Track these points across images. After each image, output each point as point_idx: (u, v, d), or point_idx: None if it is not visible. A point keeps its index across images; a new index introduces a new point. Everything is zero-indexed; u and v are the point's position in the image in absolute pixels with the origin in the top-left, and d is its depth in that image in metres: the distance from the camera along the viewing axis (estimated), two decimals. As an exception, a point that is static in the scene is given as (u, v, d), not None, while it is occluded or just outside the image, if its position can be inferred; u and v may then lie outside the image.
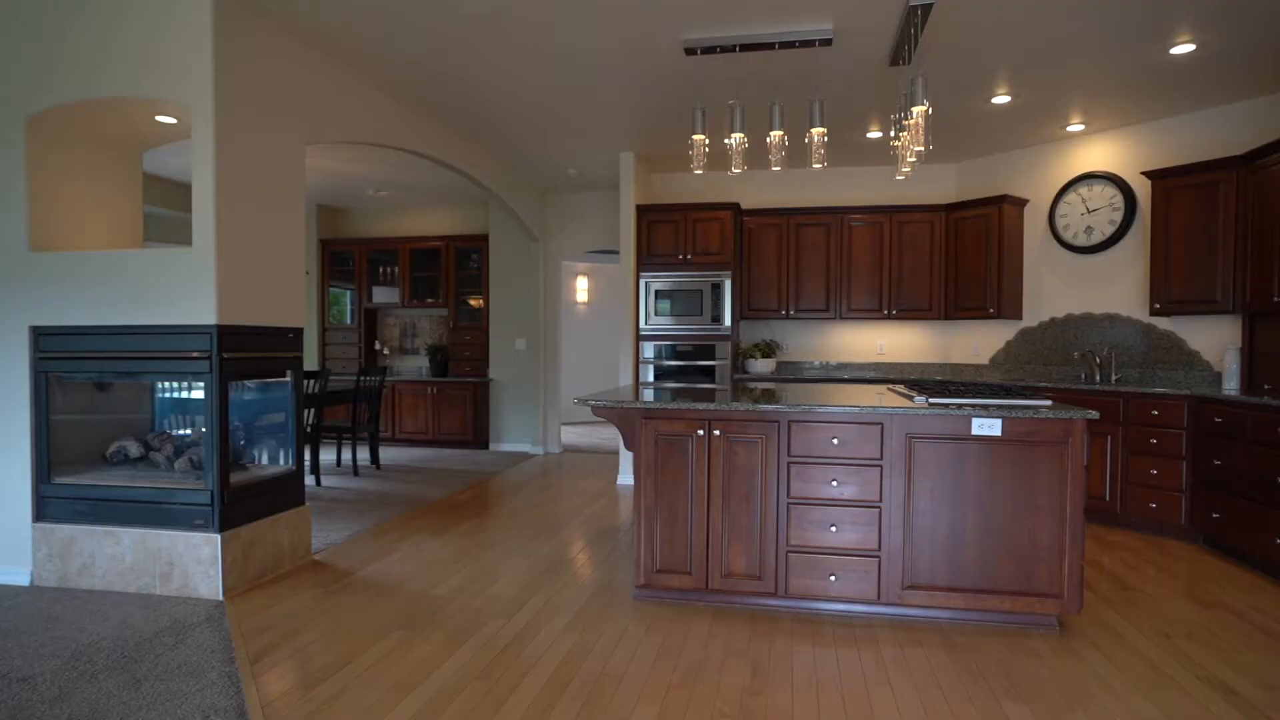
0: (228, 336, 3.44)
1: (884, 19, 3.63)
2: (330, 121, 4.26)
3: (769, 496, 3.22)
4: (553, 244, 8.01)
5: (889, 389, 4.09)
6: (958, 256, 5.86)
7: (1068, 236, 5.46)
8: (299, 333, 4.00)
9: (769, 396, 3.57)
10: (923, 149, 3.40)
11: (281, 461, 3.97)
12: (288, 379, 3.94)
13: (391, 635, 3.01)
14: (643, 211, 6.22)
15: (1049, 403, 3.09)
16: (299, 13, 3.64)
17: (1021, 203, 5.70)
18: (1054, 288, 5.61)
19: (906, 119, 3.55)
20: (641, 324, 6.25)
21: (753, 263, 6.31)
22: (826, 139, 4.76)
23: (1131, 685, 2.58)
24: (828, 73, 4.31)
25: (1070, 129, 5.29)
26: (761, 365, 6.33)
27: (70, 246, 3.75)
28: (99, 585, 3.50)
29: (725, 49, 3.90)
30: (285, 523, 3.83)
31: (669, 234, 6.16)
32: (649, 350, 6.25)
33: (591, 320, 10.77)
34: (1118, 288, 5.24)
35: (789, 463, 3.20)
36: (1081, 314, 5.43)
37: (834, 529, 3.16)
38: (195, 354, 3.40)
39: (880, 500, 3.13)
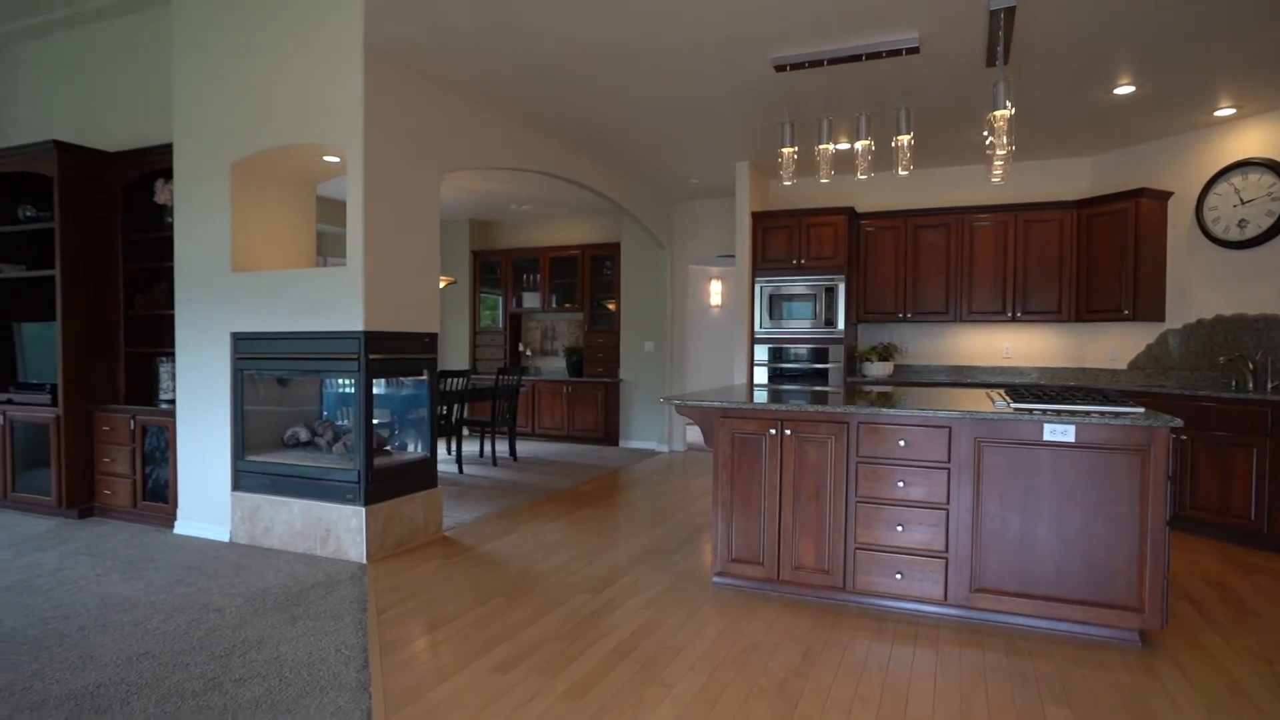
0: (372, 340, 4.09)
1: (969, 24, 3.61)
2: (464, 151, 4.86)
3: (837, 495, 3.35)
4: (679, 251, 8.36)
5: (988, 393, 4.03)
6: (1090, 255, 5.52)
7: (1218, 230, 4.98)
8: (434, 337, 4.61)
9: (884, 399, 3.62)
10: (1005, 152, 3.37)
11: (418, 449, 4.61)
12: (424, 377, 4.56)
13: (494, 600, 3.47)
14: (758, 218, 6.40)
15: (1140, 410, 2.97)
16: (434, 62, 4.25)
17: (1164, 196, 5.27)
18: (1201, 287, 5.13)
19: (995, 122, 3.52)
20: (756, 327, 6.43)
21: (869, 266, 6.29)
22: (913, 143, 4.72)
23: (1201, 703, 2.47)
24: (926, 76, 4.30)
25: (1219, 114, 4.84)
26: (878, 368, 6.29)
27: (259, 267, 4.60)
28: (276, 544, 4.29)
29: (813, 63, 4.04)
30: (419, 502, 4.45)
31: (783, 239, 6.30)
32: (763, 353, 6.42)
33: (725, 322, 10.98)
34: (1277, 286, 4.72)
35: (857, 463, 3.31)
36: (1233, 315, 4.93)
37: (900, 529, 3.23)
38: (347, 355, 4.07)
39: (948, 502, 3.16)
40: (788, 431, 3.43)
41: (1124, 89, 4.43)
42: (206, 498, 4.54)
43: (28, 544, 4.35)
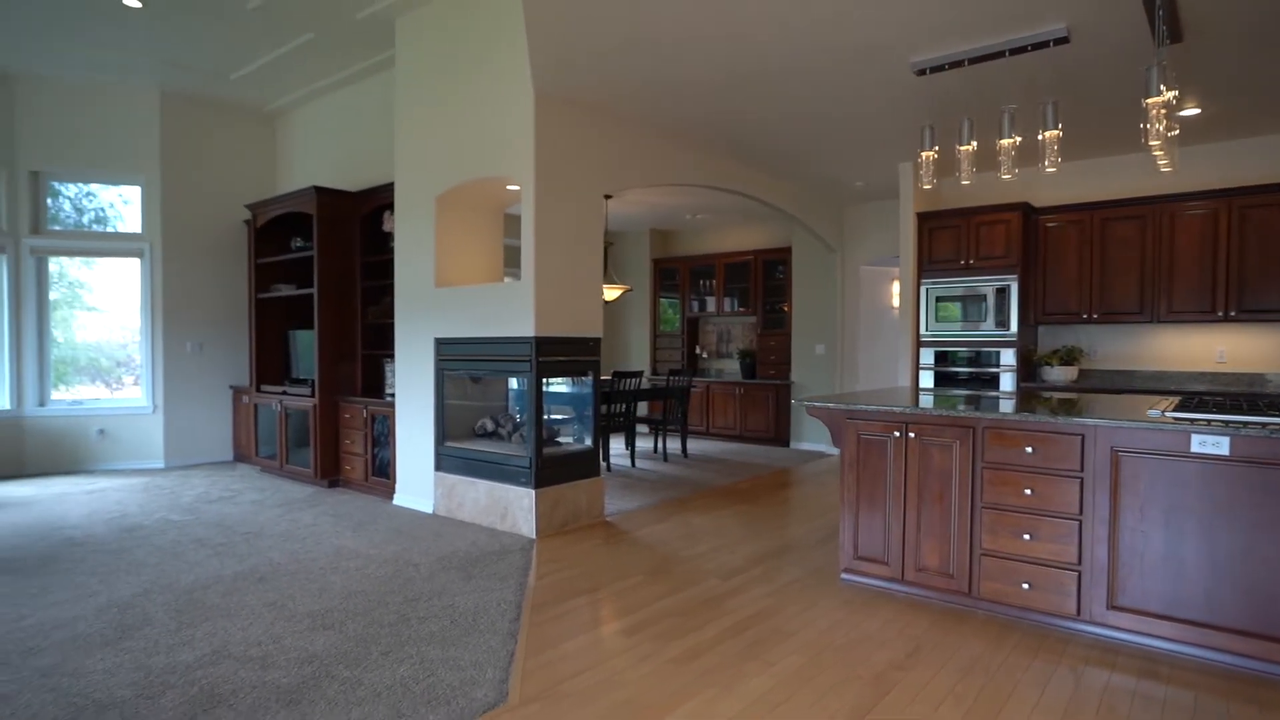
0: (541, 344, 4.69)
1: (1123, 5, 3.40)
2: (626, 173, 5.35)
3: (962, 499, 3.33)
4: (849, 253, 8.30)
5: (1162, 400, 3.72)
6: (1327, 243, 4.75)
7: None
8: (597, 341, 5.13)
9: (1066, 406, 3.50)
10: (1160, 141, 3.14)
11: (582, 442, 5.17)
12: (589, 377, 5.11)
13: (635, 577, 3.89)
14: (923, 219, 6.24)
15: (1322, 423, 2.67)
16: (595, 98, 4.78)
17: None
18: None
19: (1163, 110, 3.28)
20: (921, 330, 6.28)
21: (1049, 264, 5.88)
22: (1080, 134, 4.41)
23: (1359, 750, 2.22)
24: (1087, 62, 4.05)
25: None
26: (1059, 373, 5.86)
27: (455, 282, 5.42)
28: (466, 518, 5.06)
29: (953, 65, 4.00)
30: (583, 488, 5.00)
31: (950, 239, 6.09)
32: (929, 356, 6.25)
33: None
34: None
35: (983, 468, 3.28)
36: None
37: (1028, 537, 3.15)
38: (521, 357, 4.72)
39: (1080, 513, 3.03)
40: (911, 434, 3.47)
41: (1352, 52, 3.83)
42: (416, 476, 5.45)
43: (293, 504, 5.53)
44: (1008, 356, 5.77)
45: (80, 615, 3.30)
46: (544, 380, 4.79)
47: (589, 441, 5.14)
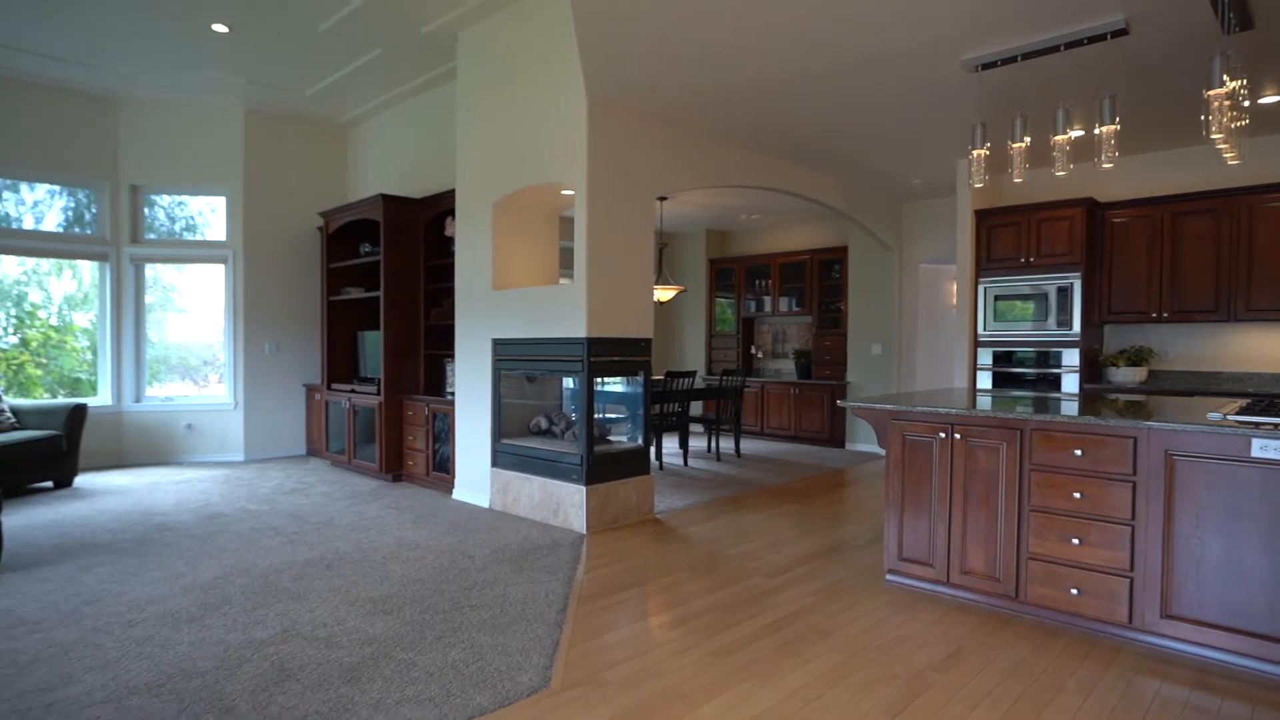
0: (593, 345, 4.82)
1: (1184, -4, 3.29)
2: (678, 175, 5.43)
3: (1010, 502, 3.29)
4: (907, 252, 8.17)
5: (1229, 402, 3.58)
6: None
7: None
8: (648, 342, 5.23)
9: (1124, 409, 3.43)
10: (1221, 135, 3.04)
11: (634, 441, 5.28)
12: (640, 377, 5.22)
13: (679, 573, 3.97)
14: (981, 216, 6.11)
15: (1396, 428, 2.55)
16: (645, 104, 4.89)
17: None
18: None
19: (1226, 101, 3.17)
20: (980, 330, 6.14)
21: (1114, 261, 5.67)
22: (1142, 127, 4.26)
23: None
24: (1150, 51, 3.91)
25: None
26: (1126, 374, 5.65)
27: (512, 285, 5.61)
28: (520, 513, 5.24)
29: (1006, 61, 3.93)
30: (633, 486, 5.11)
31: (1009, 237, 5.95)
32: (988, 357, 6.11)
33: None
34: None
35: (1030, 470, 3.23)
36: None
37: (1077, 542, 3.10)
38: (573, 358, 4.86)
39: (1132, 519, 2.96)
40: (957, 435, 3.45)
41: None
42: (474, 472, 5.67)
43: (360, 497, 5.83)
44: (1070, 357, 5.60)
45: (170, 594, 3.60)
46: (596, 380, 4.92)
47: (640, 440, 5.24)
